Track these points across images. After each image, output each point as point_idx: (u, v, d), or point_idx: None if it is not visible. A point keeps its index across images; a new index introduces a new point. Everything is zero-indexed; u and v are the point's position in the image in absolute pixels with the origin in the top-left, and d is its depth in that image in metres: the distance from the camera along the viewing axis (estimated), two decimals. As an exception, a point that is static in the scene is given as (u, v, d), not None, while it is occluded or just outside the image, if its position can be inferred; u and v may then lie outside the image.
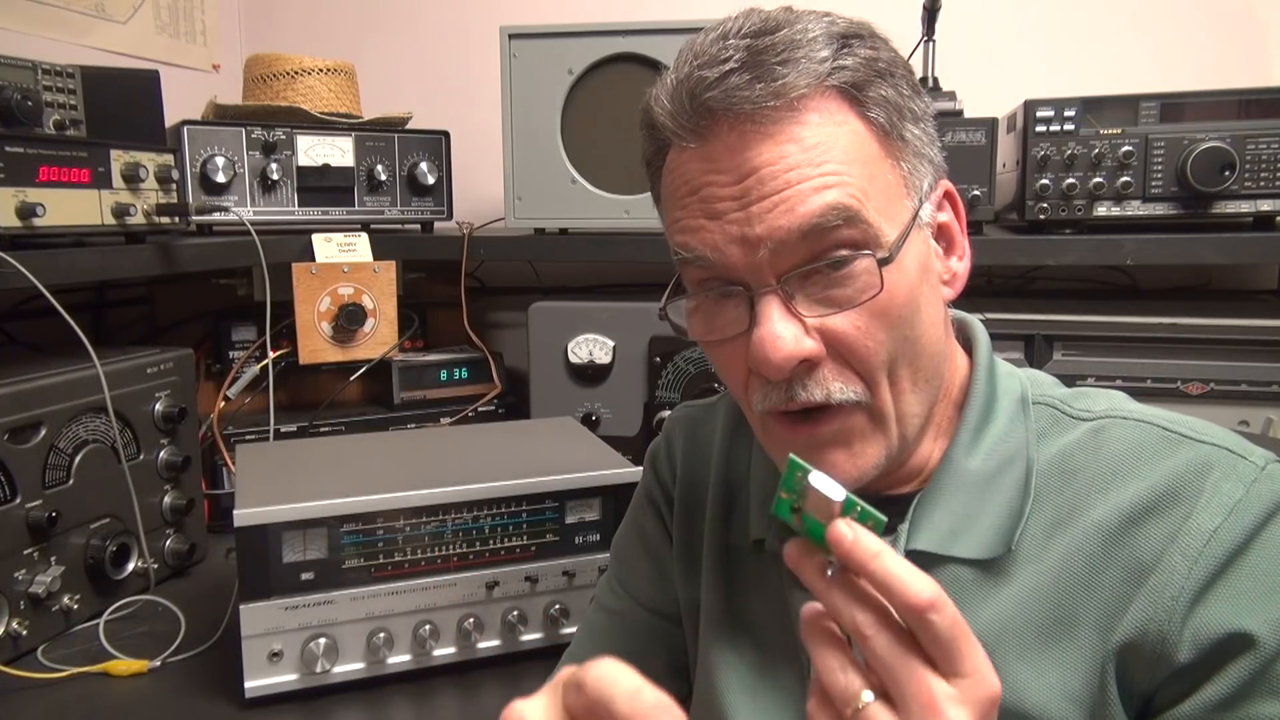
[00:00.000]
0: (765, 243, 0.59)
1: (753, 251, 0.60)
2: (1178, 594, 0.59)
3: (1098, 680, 0.60)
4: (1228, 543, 0.59)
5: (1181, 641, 0.58)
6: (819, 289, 0.61)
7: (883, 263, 0.60)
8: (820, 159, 0.59)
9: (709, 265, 0.62)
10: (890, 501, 0.69)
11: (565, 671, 0.48)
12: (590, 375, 1.52)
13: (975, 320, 0.75)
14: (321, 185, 1.61)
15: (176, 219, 1.35)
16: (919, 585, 0.48)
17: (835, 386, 0.62)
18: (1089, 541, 0.63)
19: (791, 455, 0.51)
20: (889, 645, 0.48)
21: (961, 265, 0.70)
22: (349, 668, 1.05)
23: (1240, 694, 0.57)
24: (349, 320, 1.57)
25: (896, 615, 0.49)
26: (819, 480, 0.50)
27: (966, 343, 0.74)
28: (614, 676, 0.45)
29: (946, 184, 0.69)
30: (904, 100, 0.63)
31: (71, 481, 1.18)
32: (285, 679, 1.02)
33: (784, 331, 0.60)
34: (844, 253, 0.60)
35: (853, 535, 0.49)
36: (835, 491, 0.50)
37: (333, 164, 1.61)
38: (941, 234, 0.69)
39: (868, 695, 0.48)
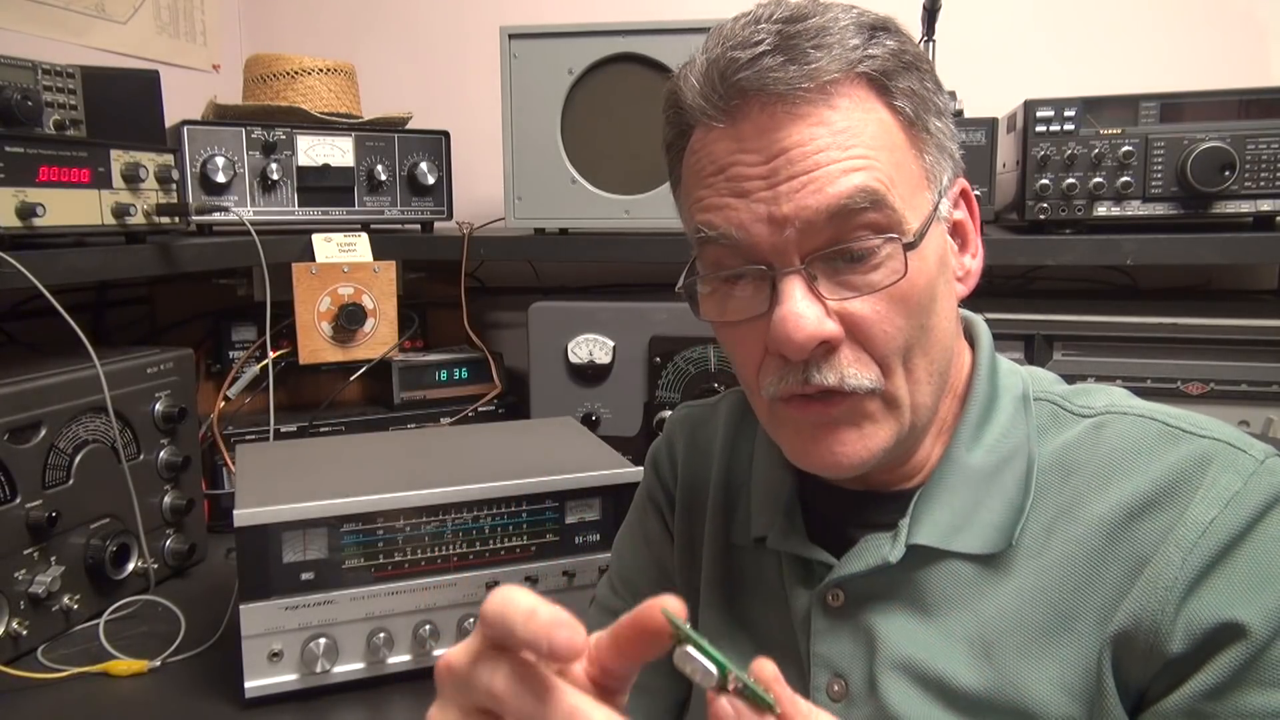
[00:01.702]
0: (792, 222, 0.60)
1: (779, 231, 0.60)
2: (1171, 585, 0.59)
3: (1095, 672, 0.60)
4: (1223, 534, 0.59)
5: (1174, 633, 0.58)
6: (842, 272, 0.61)
7: (908, 248, 0.60)
8: (849, 142, 0.60)
9: (732, 244, 0.62)
10: (892, 497, 0.70)
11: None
12: (590, 375, 1.52)
13: (978, 318, 0.75)
14: (321, 185, 1.61)
15: (176, 219, 1.35)
16: None
17: (850, 372, 0.62)
18: (1089, 537, 0.63)
19: (664, 611, 0.45)
20: None
21: (975, 263, 0.70)
22: (349, 668, 1.05)
23: (1229, 684, 0.57)
24: (349, 320, 1.57)
25: None
26: (692, 657, 0.44)
27: (969, 340, 0.74)
28: (508, 599, 0.44)
29: (963, 182, 0.69)
30: (928, 94, 0.64)
31: (71, 481, 1.18)
32: (285, 679, 1.02)
33: (807, 311, 0.60)
34: (869, 236, 0.60)
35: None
36: (706, 676, 0.44)
37: (333, 164, 1.61)
38: (957, 231, 0.69)
39: None
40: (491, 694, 0.45)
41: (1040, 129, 1.39)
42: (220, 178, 1.50)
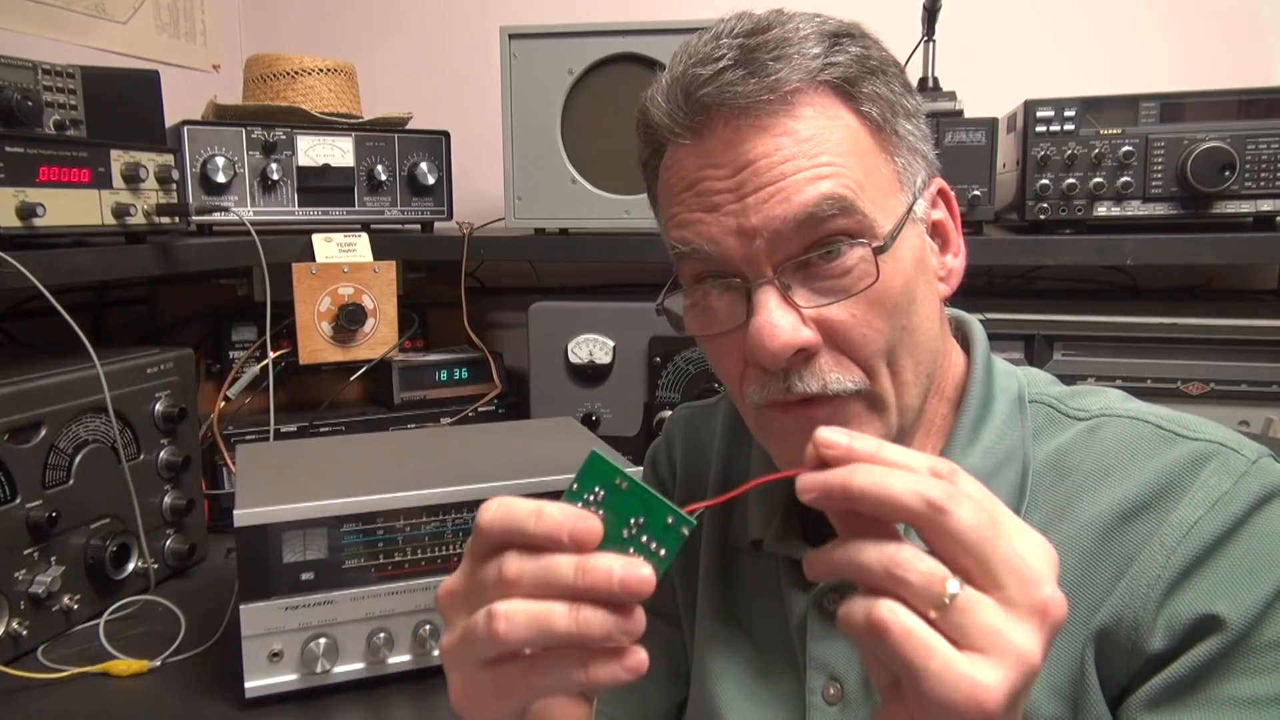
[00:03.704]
0: (761, 233, 0.60)
1: (749, 242, 0.61)
2: (1153, 583, 0.59)
3: (1078, 669, 0.61)
4: (1208, 534, 0.59)
5: (1155, 629, 0.58)
6: (815, 279, 0.61)
7: (878, 251, 0.61)
8: (815, 151, 0.60)
9: (706, 258, 0.63)
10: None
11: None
12: (590, 375, 1.52)
13: (973, 319, 0.75)
14: (321, 185, 1.61)
15: (176, 219, 1.35)
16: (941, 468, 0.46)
17: (832, 377, 0.62)
18: (1082, 538, 0.63)
19: (594, 451, 0.51)
20: (974, 513, 0.44)
21: (957, 262, 0.70)
22: (349, 668, 1.05)
23: (1202, 674, 0.57)
24: (349, 320, 1.57)
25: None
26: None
27: (964, 341, 0.74)
28: (507, 505, 0.48)
29: (940, 182, 0.69)
30: (896, 97, 0.64)
31: (71, 481, 1.18)
32: (285, 679, 1.02)
33: (780, 320, 0.60)
34: (839, 242, 0.60)
35: (847, 439, 0.46)
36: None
37: (333, 164, 1.61)
38: (936, 231, 0.69)
39: (954, 584, 0.43)
40: (504, 580, 0.47)
41: (1040, 129, 1.39)
42: (220, 178, 1.50)
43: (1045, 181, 1.39)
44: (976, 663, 0.42)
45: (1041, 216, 1.40)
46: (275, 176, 1.55)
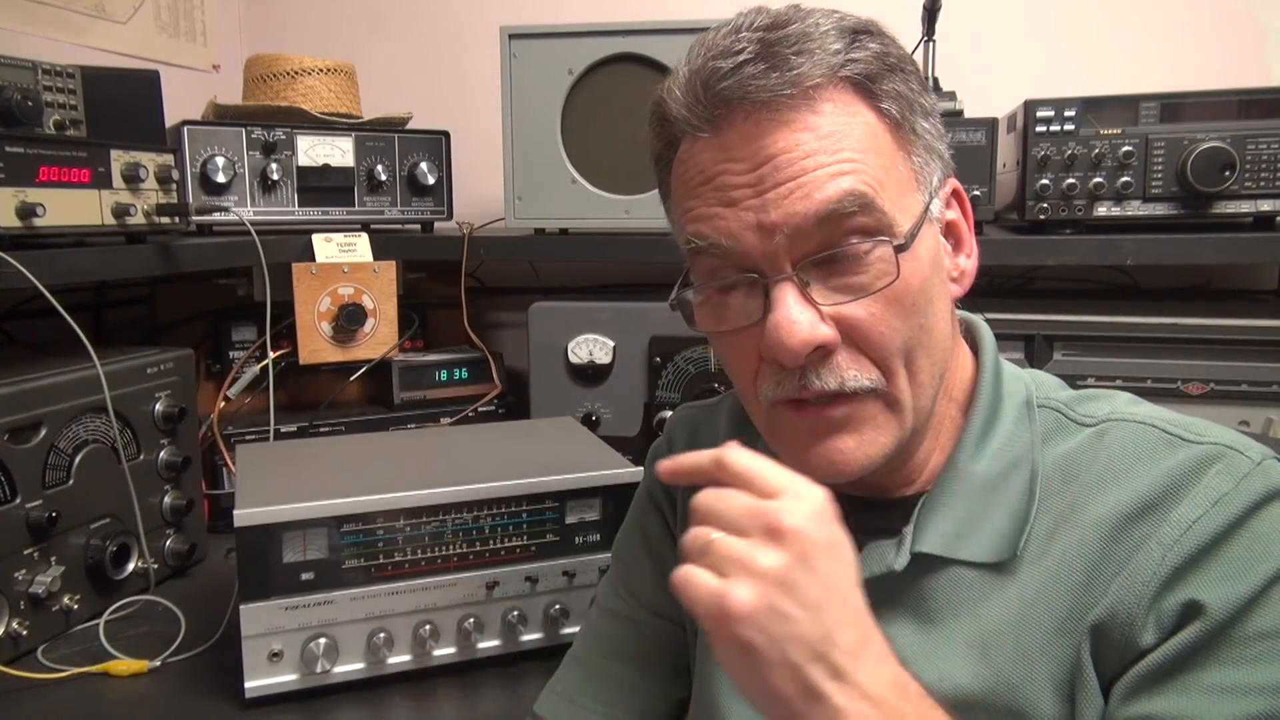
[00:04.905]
0: (781, 229, 0.60)
1: (769, 238, 0.60)
2: (1149, 579, 0.59)
3: (1079, 666, 0.61)
4: (1206, 532, 0.59)
5: (1146, 625, 0.58)
6: (834, 276, 0.61)
7: (899, 250, 0.60)
8: (835, 147, 0.60)
9: (723, 253, 0.62)
10: (895, 503, 0.69)
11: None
12: (590, 375, 1.52)
13: (981, 321, 0.75)
14: (321, 185, 1.61)
15: (176, 219, 1.35)
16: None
17: (850, 374, 0.62)
18: (1087, 540, 0.63)
19: None
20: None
21: (969, 263, 0.70)
22: (349, 668, 1.05)
23: (1180, 661, 0.57)
24: (349, 320, 1.57)
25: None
26: None
27: (972, 343, 0.74)
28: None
29: (954, 182, 0.69)
30: (914, 95, 0.64)
31: (71, 481, 1.18)
32: (285, 679, 1.02)
33: (800, 317, 0.60)
34: (859, 239, 0.60)
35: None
36: None
37: (333, 164, 1.61)
38: (950, 231, 0.69)
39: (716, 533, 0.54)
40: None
41: (1040, 129, 1.39)
42: (220, 178, 1.50)
43: (1045, 181, 1.39)
44: (724, 583, 0.52)
45: (1041, 216, 1.40)
46: (275, 176, 1.55)
